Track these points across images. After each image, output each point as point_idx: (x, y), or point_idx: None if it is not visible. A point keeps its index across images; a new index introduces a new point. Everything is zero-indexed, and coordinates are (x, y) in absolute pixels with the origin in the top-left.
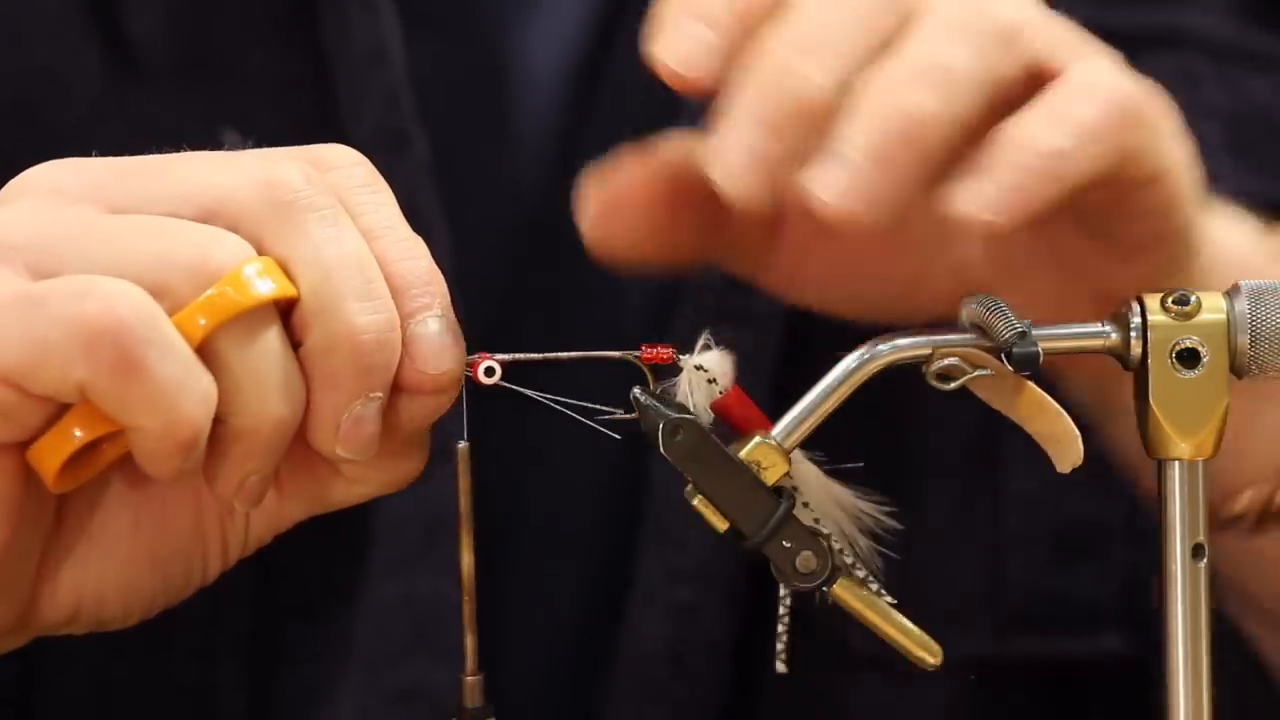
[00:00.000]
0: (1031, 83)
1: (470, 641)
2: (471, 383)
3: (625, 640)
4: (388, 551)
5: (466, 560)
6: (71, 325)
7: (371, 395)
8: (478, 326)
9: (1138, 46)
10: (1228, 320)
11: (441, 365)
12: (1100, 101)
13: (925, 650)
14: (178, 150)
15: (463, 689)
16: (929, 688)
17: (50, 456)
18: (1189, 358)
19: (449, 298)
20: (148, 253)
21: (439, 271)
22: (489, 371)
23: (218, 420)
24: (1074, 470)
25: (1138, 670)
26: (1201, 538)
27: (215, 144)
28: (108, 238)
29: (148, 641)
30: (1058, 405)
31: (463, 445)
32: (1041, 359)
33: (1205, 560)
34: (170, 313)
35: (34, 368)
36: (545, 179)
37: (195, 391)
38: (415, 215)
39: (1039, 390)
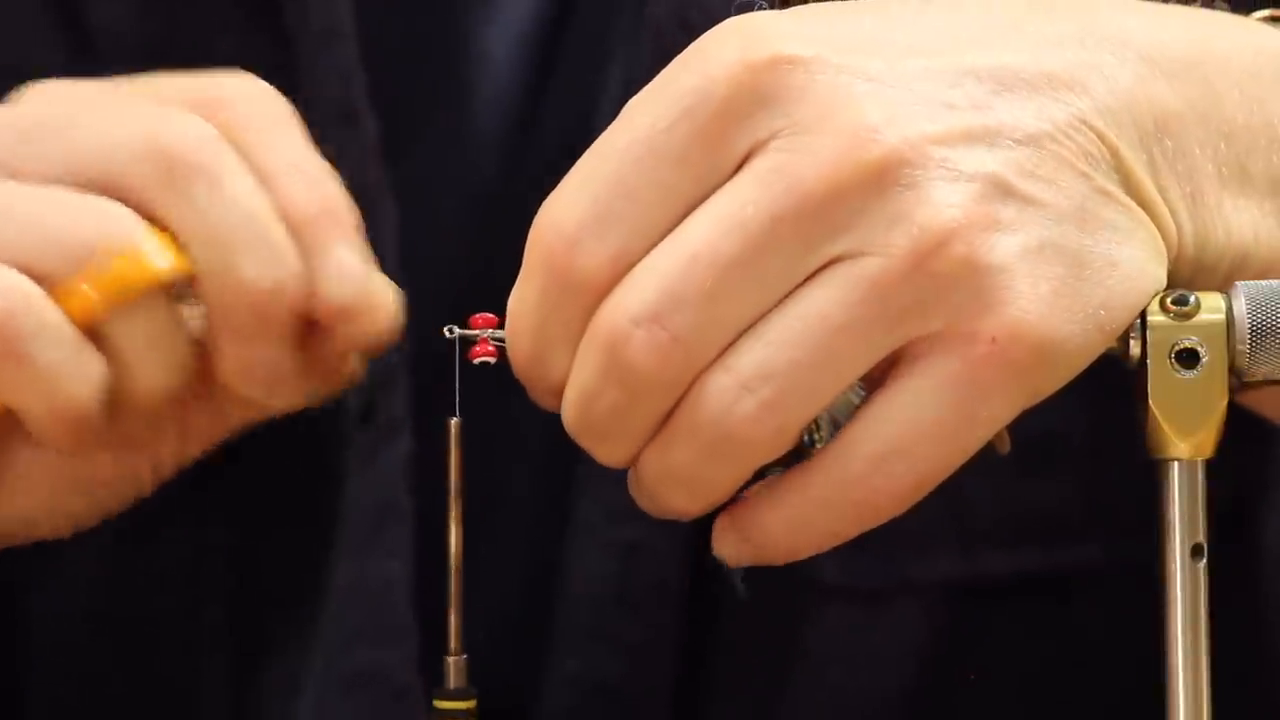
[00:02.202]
0: None
1: (454, 621)
2: (462, 358)
3: (569, 583)
4: (345, 537)
5: (455, 538)
6: None
7: (279, 338)
8: (430, 306)
9: None
10: (1227, 320)
11: (350, 293)
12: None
13: None
14: None
15: (446, 669)
16: (899, 613)
17: None
18: (1188, 358)
19: (356, 222)
20: (33, 232)
21: (345, 197)
22: (484, 364)
23: (109, 389)
24: None
25: (1118, 584)
26: (1201, 538)
27: None
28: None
29: (131, 636)
30: None
31: (454, 421)
32: None
33: (1205, 560)
34: (55, 289)
35: None
36: (502, 161)
37: (80, 375)
38: (363, 194)
39: None
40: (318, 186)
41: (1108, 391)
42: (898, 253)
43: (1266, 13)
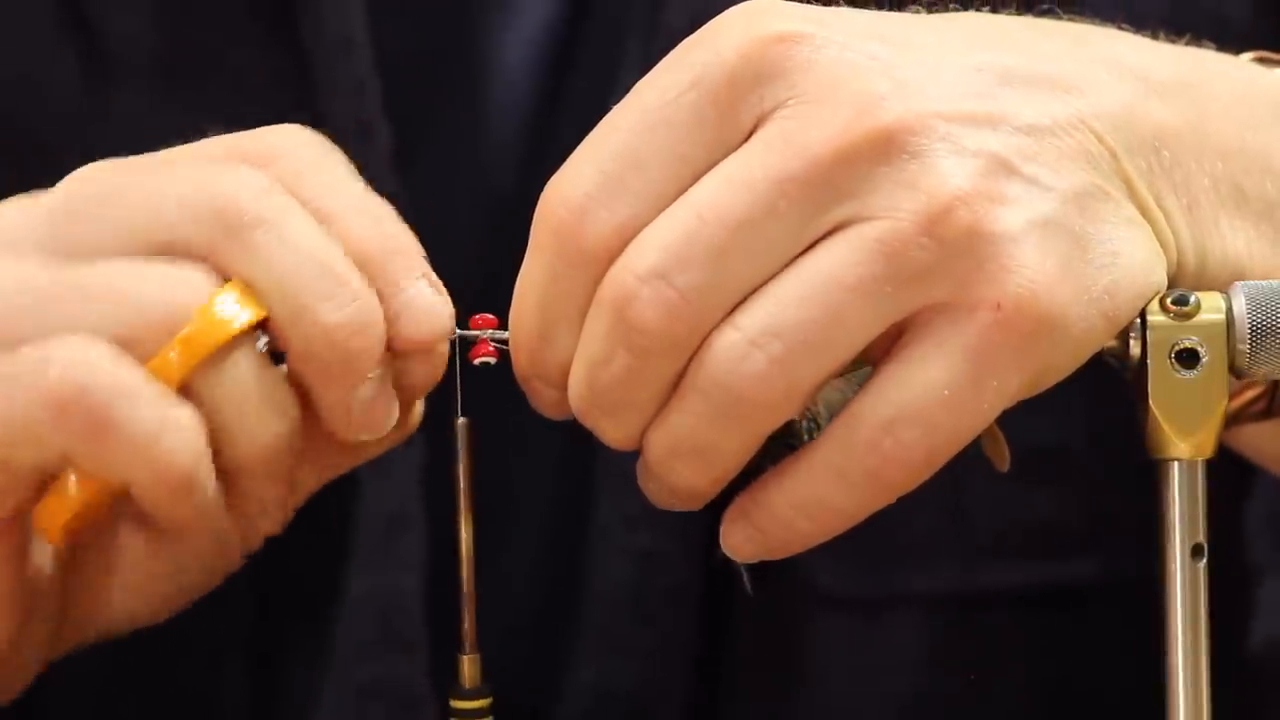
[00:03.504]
0: None
1: (468, 619)
2: (464, 360)
3: (586, 589)
4: (360, 547)
5: (465, 537)
6: (38, 398)
7: (369, 376)
8: None
9: None
10: (1226, 320)
11: (432, 328)
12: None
13: None
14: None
15: (460, 668)
16: (900, 624)
17: (51, 520)
18: (1188, 358)
19: (424, 254)
20: (112, 306)
21: (409, 232)
22: (484, 365)
23: (217, 453)
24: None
25: (1115, 597)
26: (1201, 538)
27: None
28: (69, 296)
29: (151, 644)
30: None
31: (461, 421)
32: None
33: (1205, 560)
34: (145, 359)
35: (12, 446)
36: (516, 168)
37: (175, 435)
38: None
39: None
40: (381, 225)
41: (1106, 404)
42: (905, 217)
43: (1254, 54)
